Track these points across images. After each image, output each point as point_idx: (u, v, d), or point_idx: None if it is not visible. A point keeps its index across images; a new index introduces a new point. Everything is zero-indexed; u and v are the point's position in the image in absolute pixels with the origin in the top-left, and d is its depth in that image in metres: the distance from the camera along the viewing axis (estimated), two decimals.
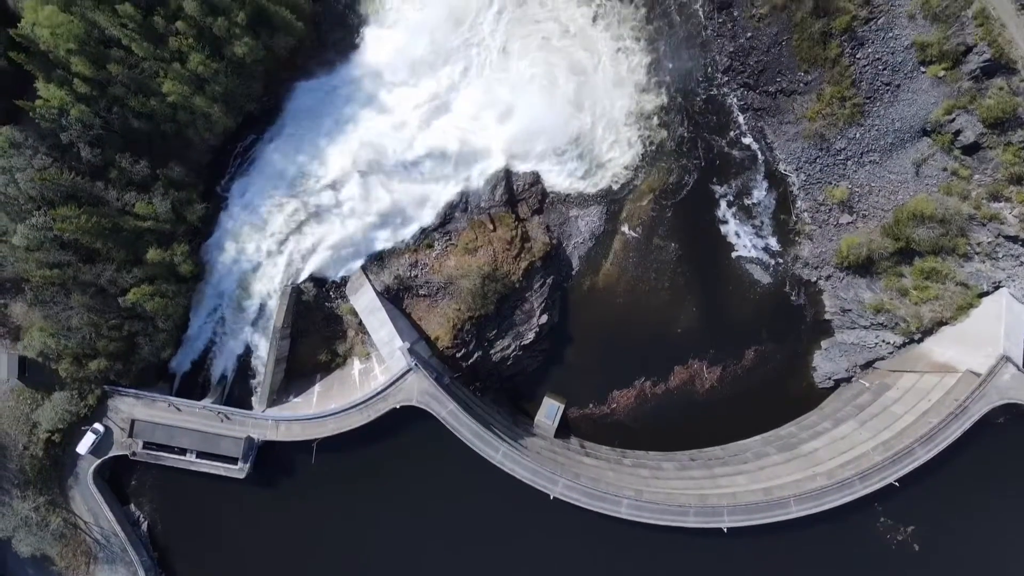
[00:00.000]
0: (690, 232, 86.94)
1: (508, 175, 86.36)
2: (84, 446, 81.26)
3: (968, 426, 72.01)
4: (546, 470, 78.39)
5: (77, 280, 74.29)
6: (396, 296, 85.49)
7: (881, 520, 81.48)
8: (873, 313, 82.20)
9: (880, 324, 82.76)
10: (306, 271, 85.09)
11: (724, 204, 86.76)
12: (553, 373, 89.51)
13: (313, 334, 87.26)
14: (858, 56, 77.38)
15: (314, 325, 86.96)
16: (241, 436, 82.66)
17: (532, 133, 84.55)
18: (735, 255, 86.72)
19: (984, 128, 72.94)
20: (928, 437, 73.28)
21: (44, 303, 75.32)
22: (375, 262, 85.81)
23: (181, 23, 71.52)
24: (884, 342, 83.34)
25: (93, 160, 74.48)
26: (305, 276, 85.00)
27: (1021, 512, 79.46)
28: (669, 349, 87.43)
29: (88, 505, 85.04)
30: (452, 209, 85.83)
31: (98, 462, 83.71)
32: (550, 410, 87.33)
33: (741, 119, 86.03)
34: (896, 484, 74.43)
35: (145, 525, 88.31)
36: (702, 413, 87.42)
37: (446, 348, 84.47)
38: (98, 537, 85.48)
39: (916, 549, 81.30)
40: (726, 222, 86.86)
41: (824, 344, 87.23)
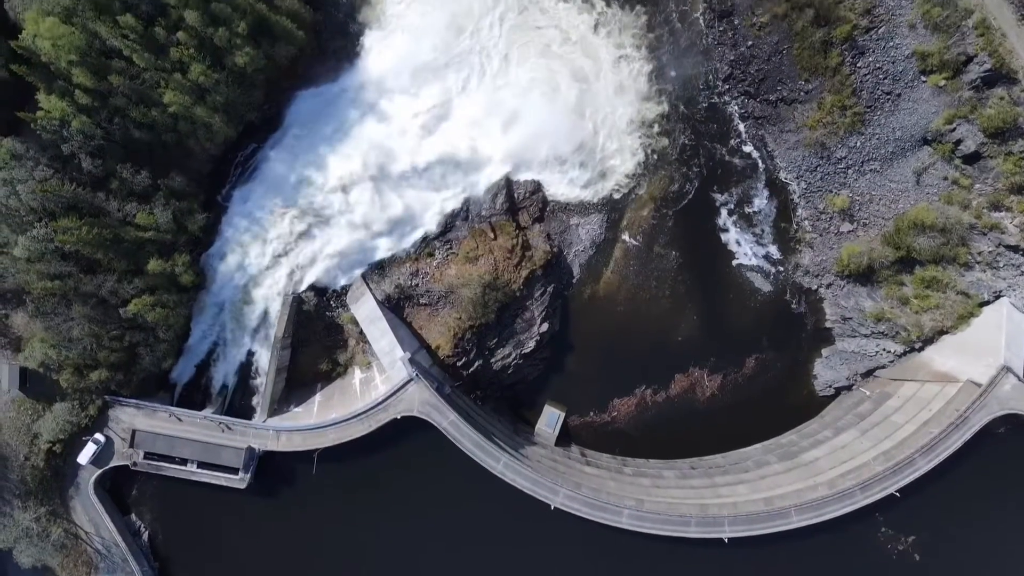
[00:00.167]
0: (691, 240, 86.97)
1: (509, 183, 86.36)
2: (85, 456, 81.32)
3: (969, 436, 72.07)
4: (547, 480, 78.44)
5: (78, 291, 74.29)
6: (397, 305, 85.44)
7: (882, 530, 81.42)
8: (874, 322, 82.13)
9: (881, 333, 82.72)
10: (307, 280, 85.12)
11: (725, 212, 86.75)
12: (554, 381, 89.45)
13: (314, 343, 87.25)
14: (859, 65, 77.36)
15: (315, 334, 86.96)
16: (242, 446, 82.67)
17: (536, 140, 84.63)
18: (736, 263, 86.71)
19: (985, 138, 72.96)
20: (929, 447, 73.32)
21: (45, 314, 75.30)
22: (376, 271, 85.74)
23: (182, 33, 71.68)
24: (885, 351, 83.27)
25: (94, 171, 74.63)
26: (306, 285, 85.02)
27: (1022, 522, 79.43)
28: (670, 357, 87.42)
29: (89, 515, 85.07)
30: (453, 217, 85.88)
31: (99, 472, 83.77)
32: (551, 418, 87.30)
33: (742, 127, 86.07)
34: (897, 494, 74.43)
35: (146, 535, 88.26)
36: (703, 421, 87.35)
37: (447, 357, 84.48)
38: (99, 547, 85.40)
39: (917, 559, 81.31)
40: (727, 230, 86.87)
41: (825, 352, 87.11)
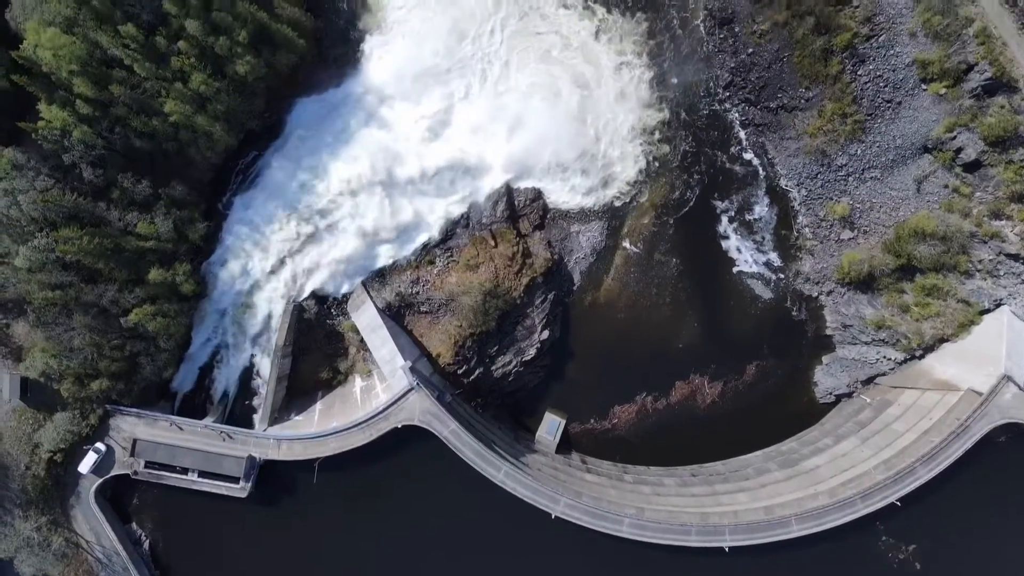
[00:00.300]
0: (691, 247, 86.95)
1: (510, 191, 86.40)
2: (86, 465, 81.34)
3: (970, 445, 72.05)
4: (548, 489, 78.37)
5: (79, 301, 74.34)
6: (398, 313, 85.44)
7: (883, 539, 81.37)
8: (874, 329, 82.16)
9: (881, 340, 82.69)
10: (308, 288, 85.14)
11: (725, 219, 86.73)
12: (554, 389, 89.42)
13: (315, 351, 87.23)
14: (859, 73, 77.38)
15: (316, 342, 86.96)
16: (243, 455, 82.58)
17: (539, 146, 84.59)
18: (736, 270, 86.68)
19: (985, 146, 73.06)
20: (930, 456, 73.30)
21: (46, 324, 75.35)
22: (376, 279, 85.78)
23: (183, 43, 71.82)
24: (885, 358, 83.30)
25: (95, 181, 74.78)
26: (307, 293, 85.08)
27: (1022, 531, 79.34)
28: (670, 364, 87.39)
29: (90, 524, 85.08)
30: (454, 225, 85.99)
31: (100, 481, 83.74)
32: (551, 426, 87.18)
33: (743, 134, 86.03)
34: (898, 503, 74.45)
35: (147, 544, 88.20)
36: (703, 428, 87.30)
37: (448, 365, 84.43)
38: (100, 556, 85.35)
39: (917, 568, 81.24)
40: (727, 237, 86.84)
41: (825, 359, 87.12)
